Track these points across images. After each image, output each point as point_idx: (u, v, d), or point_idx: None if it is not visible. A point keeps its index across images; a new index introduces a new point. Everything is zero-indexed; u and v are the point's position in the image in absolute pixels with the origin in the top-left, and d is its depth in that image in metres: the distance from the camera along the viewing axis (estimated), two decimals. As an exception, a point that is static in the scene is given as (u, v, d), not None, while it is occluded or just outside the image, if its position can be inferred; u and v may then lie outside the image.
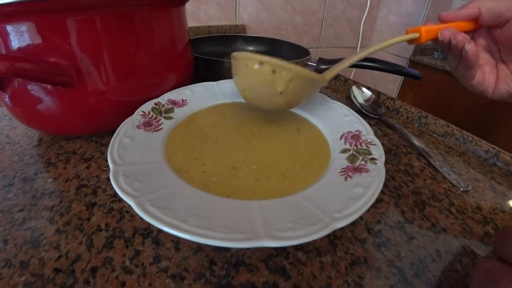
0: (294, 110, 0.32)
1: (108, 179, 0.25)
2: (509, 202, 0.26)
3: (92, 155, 0.28)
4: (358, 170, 0.21)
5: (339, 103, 0.31)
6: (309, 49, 0.52)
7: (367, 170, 0.20)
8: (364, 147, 0.23)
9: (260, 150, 0.24)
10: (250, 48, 0.60)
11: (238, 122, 0.29)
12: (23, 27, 0.22)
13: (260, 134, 0.27)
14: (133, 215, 0.21)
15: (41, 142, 0.30)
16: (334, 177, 0.20)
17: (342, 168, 0.21)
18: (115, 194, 0.23)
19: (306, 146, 0.26)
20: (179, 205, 0.17)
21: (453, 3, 1.13)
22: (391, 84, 1.19)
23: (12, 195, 0.23)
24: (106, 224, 0.20)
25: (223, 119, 0.29)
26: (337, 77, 0.53)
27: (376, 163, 0.21)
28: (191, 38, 0.39)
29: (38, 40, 0.23)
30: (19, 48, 0.23)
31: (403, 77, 1.15)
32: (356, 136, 0.25)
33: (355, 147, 0.24)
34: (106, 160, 0.27)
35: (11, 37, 0.22)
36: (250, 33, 0.85)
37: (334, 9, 0.99)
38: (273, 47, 0.59)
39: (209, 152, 0.24)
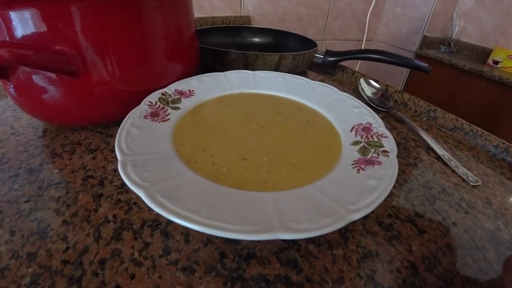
0: (303, 101, 0.31)
1: (115, 170, 0.24)
2: (520, 197, 0.26)
3: (98, 146, 0.27)
4: (371, 162, 0.20)
5: (349, 95, 0.30)
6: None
7: (379, 163, 0.20)
8: (376, 139, 0.23)
9: (270, 141, 0.24)
10: (256, 39, 0.59)
11: (247, 113, 0.28)
12: (27, 14, 0.21)
13: (269, 125, 0.26)
14: (141, 206, 0.21)
15: (46, 133, 0.29)
16: (347, 169, 0.20)
17: (354, 160, 0.21)
18: (122, 185, 0.23)
19: (316, 138, 0.25)
20: (189, 196, 0.16)
21: (461, -5, 1.10)
22: (397, 78, 1.18)
23: (18, 186, 0.22)
24: (114, 216, 0.20)
25: (231, 110, 0.29)
26: (344, 69, 0.52)
27: (388, 156, 0.21)
28: (196, 29, 0.38)
29: (43, 28, 0.22)
30: (23, 36, 0.22)
31: (409, 71, 1.14)
32: (367, 129, 0.25)
33: (366, 140, 0.23)
34: (112, 151, 0.27)
35: (14, 24, 0.22)
36: (254, 24, 0.84)
37: (339, 1, 0.97)
38: (279, 38, 0.58)
39: (218, 143, 0.23)
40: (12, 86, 0.26)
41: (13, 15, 0.22)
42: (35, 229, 0.19)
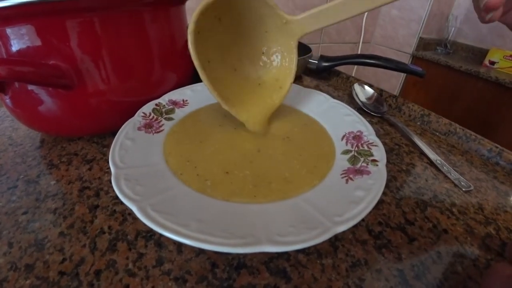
0: (295, 108, 0.31)
1: (110, 181, 0.25)
2: (511, 202, 0.26)
3: (94, 156, 0.28)
4: (359, 172, 0.21)
5: (341, 103, 0.31)
6: (311, 45, 0.52)
7: (368, 172, 0.20)
8: (366, 148, 0.23)
9: (260, 155, 0.24)
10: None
11: (238, 122, 0.28)
12: (23, 30, 0.22)
13: (261, 135, 0.27)
14: (135, 217, 0.21)
15: (43, 143, 0.30)
16: (335, 179, 0.20)
17: (343, 170, 0.21)
18: (117, 196, 0.23)
19: (315, 143, 0.25)
20: (180, 209, 0.17)
21: (457, -4, 1.11)
22: (394, 80, 1.18)
23: (16, 198, 0.23)
24: (109, 227, 0.20)
25: (221, 119, 0.28)
26: (339, 74, 0.52)
27: (377, 165, 0.21)
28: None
29: (38, 43, 0.23)
30: (19, 52, 0.23)
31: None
32: (357, 137, 0.25)
33: (356, 148, 0.24)
34: (108, 162, 0.27)
35: (11, 40, 0.22)
36: (251, 29, 0.84)
37: (336, 4, 0.97)
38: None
39: (200, 153, 0.23)
40: (8, 98, 0.26)
41: (9, 31, 0.22)
42: (32, 241, 0.19)
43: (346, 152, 0.24)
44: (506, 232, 0.23)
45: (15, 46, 0.23)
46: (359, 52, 1.15)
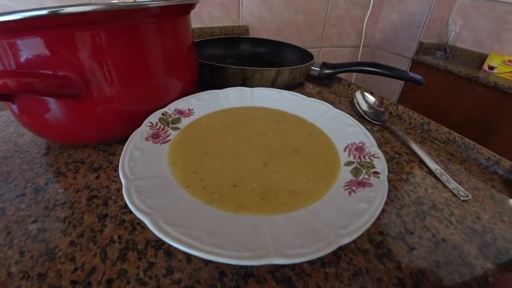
0: (300, 116, 0.32)
1: (118, 190, 0.25)
2: (508, 211, 0.27)
3: (101, 164, 0.28)
4: (362, 184, 0.21)
5: (343, 112, 0.31)
6: (312, 49, 0.53)
7: (370, 185, 0.21)
8: (368, 160, 0.24)
9: (267, 169, 0.24)
10: (254, 50, 0.60)
11: (240, 133, 0.28)
12: (33, 42, 0.23)
13: (265, 148, 0.27)
14: (145, 227, 0.22)
15: (50, 150, 0.30)
16: (339, 192, 0.21)
17: (346, 182, 0.22)
18: (126, 206, 0.24)
19: (321, 155, 0.26)
20: (191, 221, 0.17)
21: (456, 1, 1.12)
22: (393, 84, 1.19)
23: (25, 206, 0.23)
24: (119, 236, 0.21)
25: (223, 130, 0.29)
26: (340, 81, 0.53)
27: (379, 177, 0.22)
28: (194, 40, 0.39)
29: (47, 55, 0.23)
30: (28, 63, 0.23)
31: (405, 76, 1.15)
32: (359, 148, 0.26)
33: (358, 160, 0.24)
34: (115, 170, 0.28)
35: (20, 52, 0.23)
36: (252, 33, 0.85)
37: (337, 8, 0.98)
38: (276, 49, 0.59)
39: (205, 166, 0.23)
40: (14, 105, 0.27)
41: (19, 43, 0.23)
42: (43, 250, 0.20)
43: (348, 163, 0.24)
44: (503, 241, 0.24)
45: (25, 57, 0.23)
46: (359, 56, 1.16)
